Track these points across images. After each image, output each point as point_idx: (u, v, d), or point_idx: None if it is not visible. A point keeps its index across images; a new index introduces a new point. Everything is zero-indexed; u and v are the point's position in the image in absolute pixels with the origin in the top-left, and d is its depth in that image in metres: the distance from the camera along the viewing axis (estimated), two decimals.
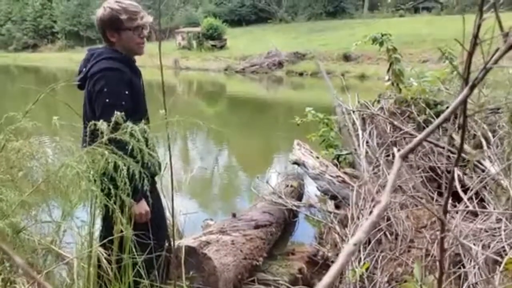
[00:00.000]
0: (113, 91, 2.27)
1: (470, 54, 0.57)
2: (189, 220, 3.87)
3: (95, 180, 1.79)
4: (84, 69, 2.41)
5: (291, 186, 4.83)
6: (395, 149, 3.52)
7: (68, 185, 1.75)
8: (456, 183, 3.32)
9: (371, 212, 3.30)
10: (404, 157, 0.47)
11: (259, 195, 4.52)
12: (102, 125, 1.84)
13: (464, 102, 0.56)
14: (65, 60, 36.86)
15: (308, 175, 4.76)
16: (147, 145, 1.90)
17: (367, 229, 0.39)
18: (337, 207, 4.30)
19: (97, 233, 2.34)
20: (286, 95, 20.58)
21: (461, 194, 3.21)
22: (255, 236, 3.48)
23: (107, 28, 2.41)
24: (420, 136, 0.54)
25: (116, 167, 1.82)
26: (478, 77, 0.53)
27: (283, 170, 5.99)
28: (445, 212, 0.73)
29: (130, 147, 1.84)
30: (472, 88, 0.53)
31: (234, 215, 3.81)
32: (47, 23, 54.89)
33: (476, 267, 2.34)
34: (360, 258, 2.90)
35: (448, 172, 3.68)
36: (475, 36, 0.53)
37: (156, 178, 2.50)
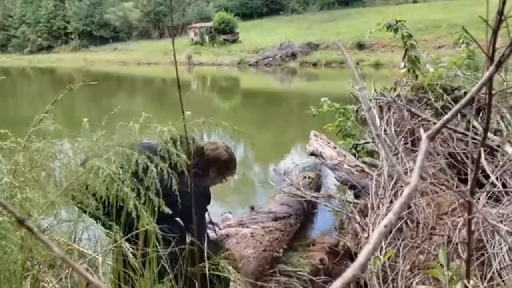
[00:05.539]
0: None
1: (495, 31, 0.55)
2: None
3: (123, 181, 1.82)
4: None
5: (309, 177, 4.81)
6: (421, 130, 3.48)
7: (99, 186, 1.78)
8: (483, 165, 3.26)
9: (391, 201, 3.28)
10: (432, 138, 0.46)
11: (277, 188, 4.51)
12: None
13: (490, 79, 0.55)
14: (79, 60, 37.09)
15: (326, 165, 4.74)
16: None
17: (398, 210, 0.38)
18: (356, 197, 4.27)
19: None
20: (300, 87, 20.50)
21: (490, 174, 3.15)
22: (274, 228, 3.48)
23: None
24: (447, 115, 0.53)
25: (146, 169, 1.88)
26: (504, 53, 0.52)
27: (300, 162, 5.96)
28: (472, 193, 0.72)
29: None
30: (498, 65, 0.51)
31: (252, 208, 3.82)
32: (61, 24, 55.41)
33: (504, 248, 2.31)
34: (382, 247, 2.88)
35: (467, 157, 3.64)
36: (500, 13, 0.52)
37: None
